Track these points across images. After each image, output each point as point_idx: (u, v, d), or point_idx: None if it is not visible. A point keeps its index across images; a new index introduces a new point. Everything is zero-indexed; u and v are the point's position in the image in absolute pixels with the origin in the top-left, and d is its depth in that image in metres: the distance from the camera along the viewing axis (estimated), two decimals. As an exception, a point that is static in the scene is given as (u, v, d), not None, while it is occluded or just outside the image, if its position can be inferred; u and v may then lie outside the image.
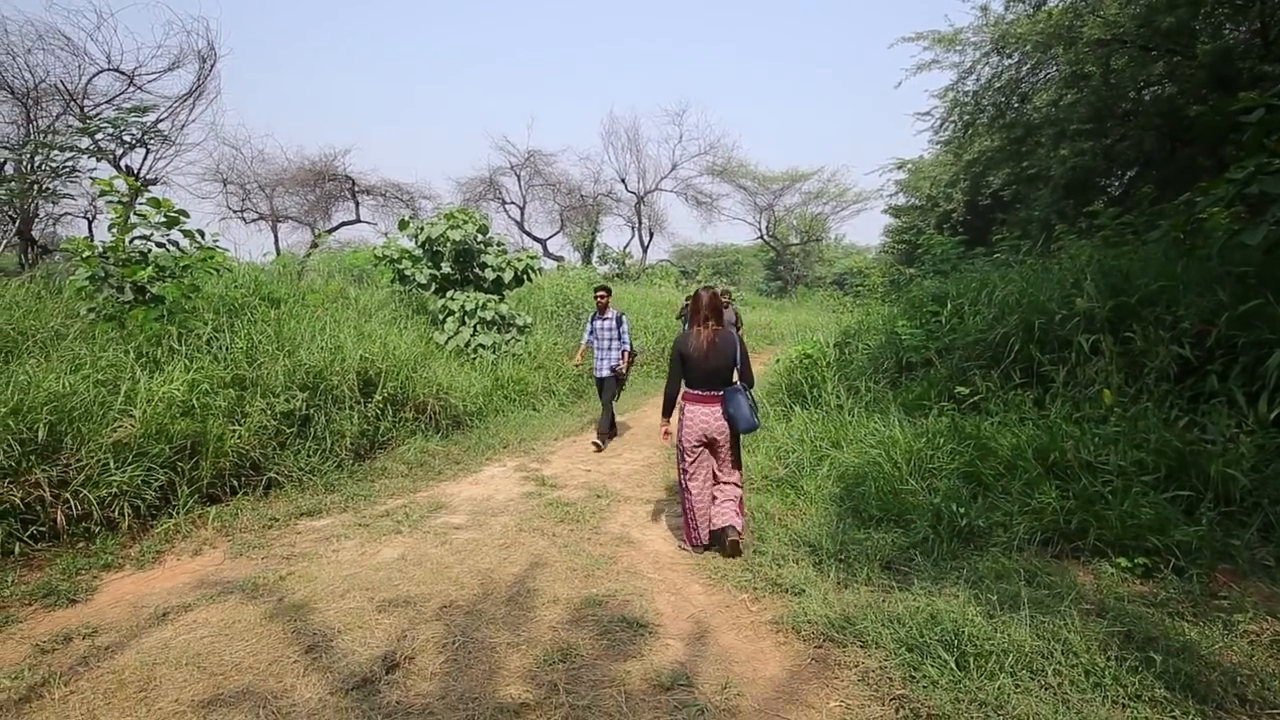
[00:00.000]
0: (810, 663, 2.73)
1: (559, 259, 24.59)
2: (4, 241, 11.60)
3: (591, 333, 7.30)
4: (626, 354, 7.15)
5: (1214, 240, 4.76)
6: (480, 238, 9.77)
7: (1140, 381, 4.32)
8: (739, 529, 3.84)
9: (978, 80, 11.94)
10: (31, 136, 12.10)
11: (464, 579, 3.59)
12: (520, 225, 25.99)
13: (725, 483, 3.99)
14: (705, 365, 3.88)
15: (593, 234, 26.38)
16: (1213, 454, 3.51)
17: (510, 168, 25.00)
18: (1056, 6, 10.07)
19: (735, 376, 4.00)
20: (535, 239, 26.00)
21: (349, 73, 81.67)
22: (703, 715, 2.40)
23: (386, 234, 13.11)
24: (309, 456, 5.33)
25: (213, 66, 13.66)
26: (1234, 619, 2.69)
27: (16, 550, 3.54)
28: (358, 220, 21.51)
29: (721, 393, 3.91)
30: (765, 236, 33.76)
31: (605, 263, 23.68)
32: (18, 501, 3.58)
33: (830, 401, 6.21)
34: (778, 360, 8.76)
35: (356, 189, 20.94)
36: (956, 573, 3.32)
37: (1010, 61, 11.33)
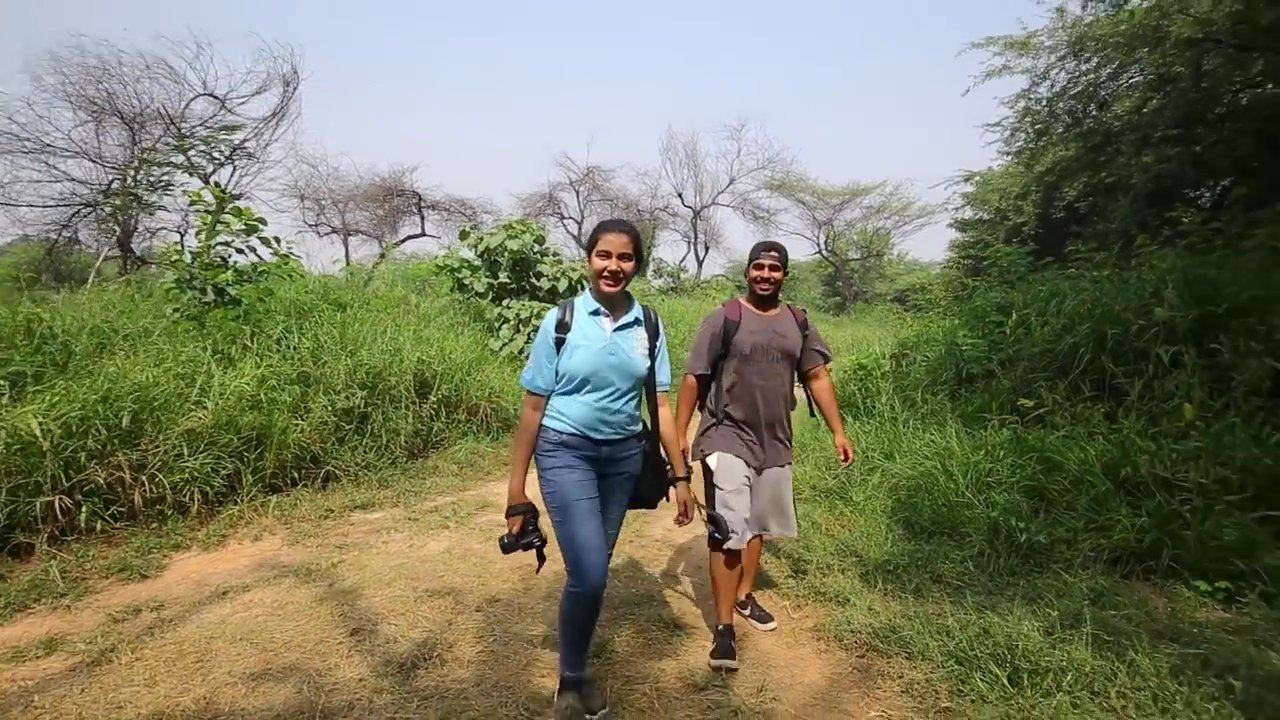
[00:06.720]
0: (851, 671, 2.63)
1: (614, 273, 24.77)
2: (106, 251, 12.68)
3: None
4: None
5: (1317, 247, 4.39)
6: (537, 248, 9.99)
7: (1227, 396, 4.00)
8: None
9: (1052, 86, 11.37)
10: (135, 156, 13.22)
11: (506, 574, 3.63)
12: (578, 240, 26.41)
13: None
14: None
15: (649, 248, 26.60)
16: (1310, 473, 3.21)
17: (569, 183, 25.52)
18: (1140, 6, 9.49)
19: None
20: (591, 253, 26.37)
21: (417, 91, 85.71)
22: (736, 717, 2.34)
23: (449, 247, 13.56)
24: (365, 452, 5.54)
25: (295, 89, 14.60)
26: (1333, 651, 2.44)
27: (98, 527, 3.81)
28: (423, 234, 22.37)
29: None
30: (823, 251, 33.12)
31: (660, 276, 23.76)
32: (101, 482, 3.87)
33: (884, 413, 6.02)
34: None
35: (423, 204, 21.80)
36: (1013, 588, 3.14)
37: (1088, 65, 10.74)
